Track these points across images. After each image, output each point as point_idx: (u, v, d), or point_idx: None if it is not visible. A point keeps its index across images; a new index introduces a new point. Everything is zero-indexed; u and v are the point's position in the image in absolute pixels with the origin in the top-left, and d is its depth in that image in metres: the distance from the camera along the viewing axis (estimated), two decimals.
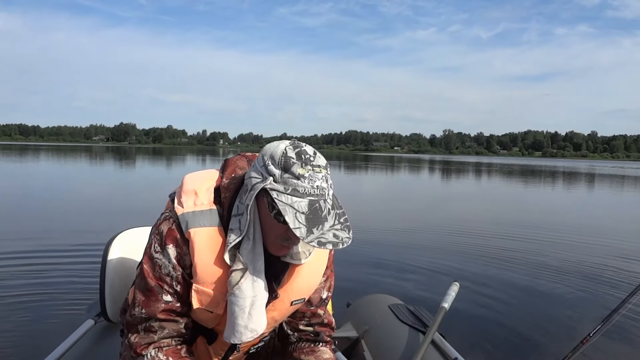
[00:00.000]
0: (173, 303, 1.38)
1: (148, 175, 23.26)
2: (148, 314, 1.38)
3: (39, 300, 4.07)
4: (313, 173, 1.25)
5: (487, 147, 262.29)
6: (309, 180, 1.24)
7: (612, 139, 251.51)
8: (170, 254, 1.35)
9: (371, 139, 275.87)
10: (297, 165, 1.25)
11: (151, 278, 1.37)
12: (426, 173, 35.88)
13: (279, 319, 1.53)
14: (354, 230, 1.28)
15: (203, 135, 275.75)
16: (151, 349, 1.39)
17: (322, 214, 1.24)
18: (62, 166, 28.27)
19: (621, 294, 4.24)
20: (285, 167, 1.25)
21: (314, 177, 1.25)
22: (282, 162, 1.26)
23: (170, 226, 1.36)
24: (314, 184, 1.25)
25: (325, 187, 1.27)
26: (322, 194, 1.26)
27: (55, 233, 7.04)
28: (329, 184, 1.29)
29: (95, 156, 47.45)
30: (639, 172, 48.48)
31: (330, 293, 1.65)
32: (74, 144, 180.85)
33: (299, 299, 1.51)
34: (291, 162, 1.25)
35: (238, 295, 1.33)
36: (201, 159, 50.98)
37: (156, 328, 1.39)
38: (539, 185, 24.67)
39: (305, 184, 1.24)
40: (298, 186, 1.24)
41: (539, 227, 9.40)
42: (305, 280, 1.49)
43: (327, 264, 1.57)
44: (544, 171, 45.01)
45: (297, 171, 1.24)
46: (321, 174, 1.27)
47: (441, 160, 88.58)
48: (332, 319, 1.69)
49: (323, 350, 1.62)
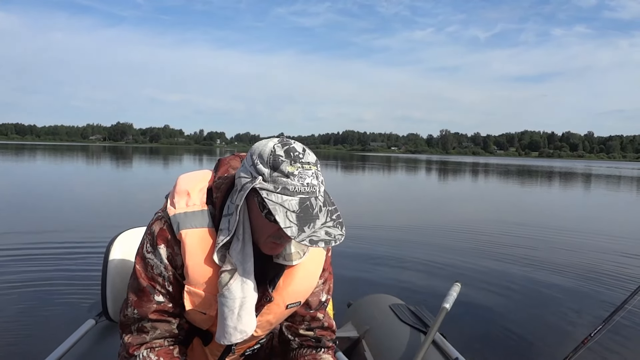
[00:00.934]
0: (165, 303, 1.38)
1: (147, 175, 23.19)
2: (140, 315, 1.37)
3: (40, 299, 4.07)
4: (303, 170, 1.24)
5: (484, 148, 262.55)
6: (299, 178, 1.23)
7: (609, 140, 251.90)
8: (162, 254, 1.34)
9: (368, 139, 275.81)
10: (286, 163, 1.23)
11: (143, 278, 1.36)
12: (424, 173, 35.87)
13: (274, 322, 1.52)
14: (355, 230, 1.28)
15: (200, 135, 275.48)
16: (143, 349, 1.38)
17: (313, 211, 1.23)
18: (60, 165, 28.16)
19: (622, 294, 4.26)
20: (274, 165, 1.24)
21: (303, 175, 1.24)
22: (270, 160, 1.24)
23: (162, 226, 1.36)
24: (304, 182, 1.23)
25: (316, 184, 1.25)
26: (313, 191, 1.24)
27: (56, 232, 7.01)
28: (320, 181, 1.27)
29: (92, 155, 47.32)
30: (634, 173, 48.50)
31: (329, 296, 1.63)
32: (70, 143, 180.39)
33: (294, 302, 1.49)
34: (280, 160, 1.24)
35: (227, 296, 1.32)
36: (198, 158, 50.90)
37: (148, 328, 1.38)
38: (538, 186, 24.71)
39: (295, 182, 1.23)
40: (288, 184, 1.22)
41: (540, 228, 9.41)
42: (300, 283, 1.47)
43: (324, 266, 1.55)
44: (541, 171, 45.06)
45: (287, 169, 1.23)
46: (311, 171, 1.25)
47: (438, 160, 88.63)
48: (333, 322, 1.67)
49: (324, 357, 1.60)
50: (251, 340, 1.55)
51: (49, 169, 24.56)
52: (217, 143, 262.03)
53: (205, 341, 1.54)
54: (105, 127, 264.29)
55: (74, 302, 3.99)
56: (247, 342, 1.54)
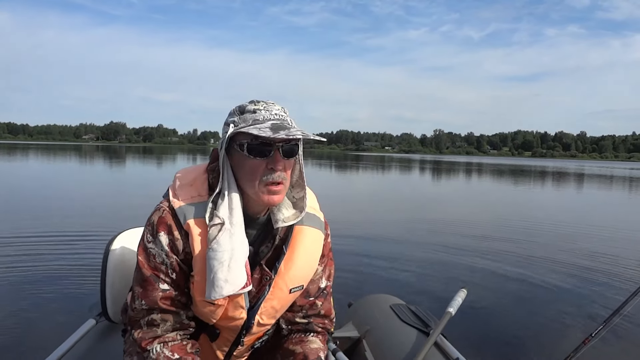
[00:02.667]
0: (171, 291, 1.38)
1: (146, 175, 23.09)
2: (148, 304, 1.37)
3: (40, 299, 4.05)
4: (267, 106, 1.37)
5: (478, 147, 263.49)
6: (265, 110, 1.36)
7: (601, 139, 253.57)
8: (162, 241, 1.35)
9: (362, 139, 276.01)
10: (251, 104, 1.37)
11: (146, 268, 1.37)
12: (420, 173, 35.96)
13: (279, 308, 1.51)
14: (355, 230, 1.29)
15: (194, 134, 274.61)
16: (156, 344, 1.38)
17: (286, 126, 1.33)
18: (55, 165, 28.09)
19: (623, 295, 4.26)
20: (241, 110, 1.37)
21: (270, 109, 1.36)
22: (237, 109, 1.38)
23: (161, 214, 1.37)
24: (271, 113, 1.36)
25: (285, 115, 1.36)
26: (284, 119, 1.35)
27: (56, 232, 6.97)
28: (289, 117, 1.38)
29: (85, 155, 47.12)
30: (626, 173, 48.79)
31: (329, 282, 1.63)
32: (63, 142, 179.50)
33: (297, 286, 1.49)
34: (245, 105, 1.38)
35: (216, 249, 1.32)
36: (192, 157, 50.76)
37: (158, 321, 1.39)
38: (535, 186, 24.72)
39: (263, 113, 1.35)
40: (257, 116, 1.34)
41: (540, 228, 9.40)
42: (301, 267, 1.48)
43: (324, 251, 1.57)
44: (536, 171, 45.26)
45: (252, 107, 1.36)
46: (276, 106, 1.38)
47: (432, 160, 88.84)
48: (332, 311, 1.67)
49: (312, 339, 1.59)
50: (258, 332, 1.55)
51: (44, 169, 24.45)
52: (211, 142, 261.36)
53: (212, 337, 1.54)
54: (98, 127, 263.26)
55: (75, 302, 3.98)
56: (254, 333, 1.54)
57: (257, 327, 1.51)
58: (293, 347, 1.57)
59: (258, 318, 1.48)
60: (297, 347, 1.56)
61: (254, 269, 1.43)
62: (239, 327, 1.49)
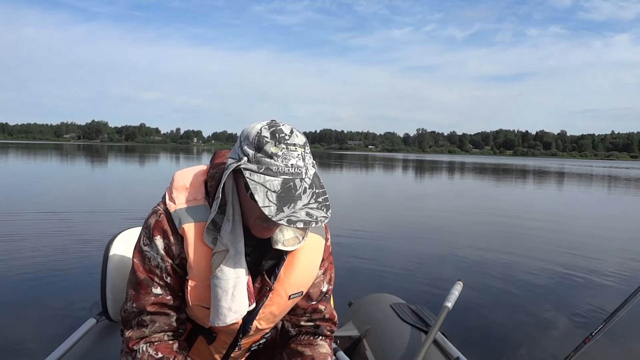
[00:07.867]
0: (163, 296, 1.37)
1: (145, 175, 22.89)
2: (139, 308, 1.37)
3: (41, 299, 4.06)
4: (287, 152, 1.24)
5: (460, 146, 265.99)
6: (283, 158, 1.24)
7: (581, 138, 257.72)
8: (158, 245, 1.35)
9: (346, 138, 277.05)
10: (270, 144, 1.24)
11: (141, 271, 1.36)
12: (404, 172, 36.07)
13: (278, 314, 1.51)
14: (355, 230, 1.27)
15: (177, 133, 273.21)
16: (142, 343, 1.38)
17: (296, 192, 1.23)
18: (51, 164, 27.70)
19: (623, 294, 4.31)
20: (259, 146, 1.25)
21: (288, 156, 1.24)
22: (255, 141, 1.26)
23: (158, 218, 1.36)
24: (287, 163, 1.24)
25: (302, 165, 1.26)
26: (298, 173, 1.25)
27: (55, 232, 6.93)
28: (307, 163, 1.27)
29: (67, 154, 46.51)
30: (607, 171, 49.51)
31: (330, 286, 1.63)
32: (43, 141, 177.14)
33: (296, 292, 1.49)
34: (264, 141, 1.25)
35: (220, 277, 1.32)
36: (175, 157, 50.41)
37: (147, 322, 1.38)
38: (533, 185, 24.79)
39: (278, 163, 1.23)
40: (271, 165, 1.23)
41: (539, 227, 9.48)
42: (301, 273, 1.47)
43: (324, 255, 1.55)
44: (517, 170, 45.68)
45: (270, 150, 1.24)
46: (297, 152, 1.25)
47: (415, 159, 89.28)
48: (335, 314, 1.67)
49: (321, 344, 1.59)
50: (256, 335, 1.55)
51: (42, 168, 24.08)
52: (194, 141, 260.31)
53: (209, 340, 1.53)
54: (79, 126, 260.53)
55: (75, 301, 3.99)
56: (251, 336, 1.54)
57: (254, 332, 1.51)
58: (302, 348, 1.56)
59: (256, 323, 1.48)
60: (306, 349, 1.56)
61: (255, 278, 1.42)
62: (235, 330, 1.48)
